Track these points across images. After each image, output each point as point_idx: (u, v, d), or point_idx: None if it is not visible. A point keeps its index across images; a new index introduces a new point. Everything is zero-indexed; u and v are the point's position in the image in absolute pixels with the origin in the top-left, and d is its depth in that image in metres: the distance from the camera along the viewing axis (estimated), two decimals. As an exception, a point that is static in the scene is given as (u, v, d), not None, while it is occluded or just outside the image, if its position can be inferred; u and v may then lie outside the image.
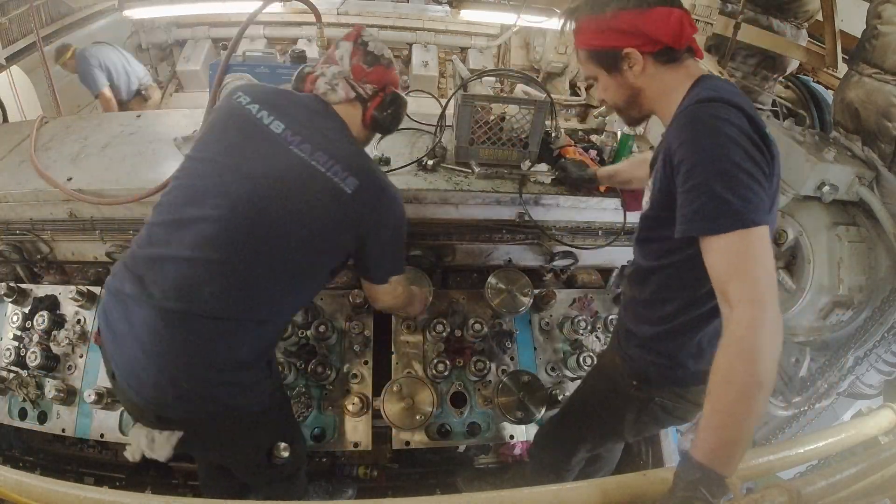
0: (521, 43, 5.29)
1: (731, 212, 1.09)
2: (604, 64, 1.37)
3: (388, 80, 1.59)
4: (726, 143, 1.13)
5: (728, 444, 1.04)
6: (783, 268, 2.32)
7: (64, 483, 1.08)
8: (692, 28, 1.30)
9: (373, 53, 1.55)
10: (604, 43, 1.34)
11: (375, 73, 1.55)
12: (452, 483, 2.86)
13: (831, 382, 2.31)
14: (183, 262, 1.35)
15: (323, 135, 1.44)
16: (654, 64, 1.33)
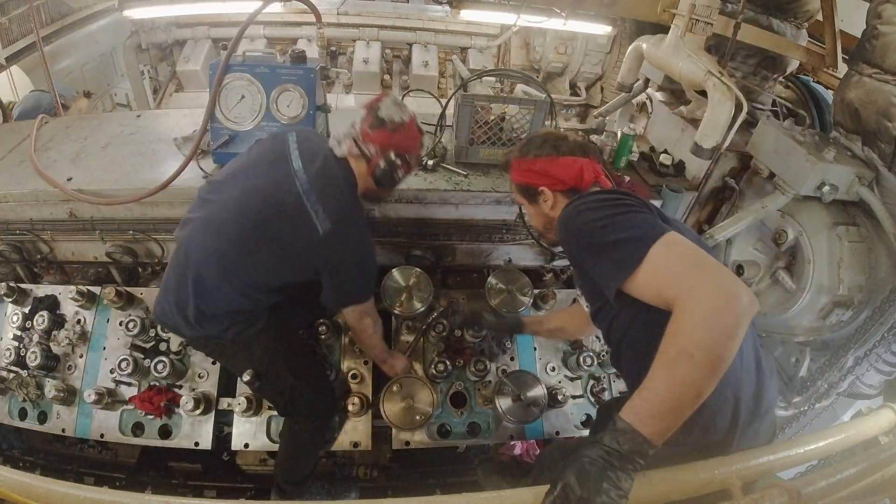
0: (521, 43, 5.29)
1: (631, 248, 1.21)
2: (526, 196, 1.68)
3: (391, 143, 1.81)
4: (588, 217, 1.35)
5: (655, 407, 1.07)
6: (783, 268, 2.32)
7: (64, 483, 1.08)
8: (594, 174, 1.57)
9: (380, 118, 1.80)
10: (525, 180, 1.65)
11: (378, 135, 1.80)
12: (453, 483, 2.86)
13: (831, 382, 2.31)
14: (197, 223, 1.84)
15: (326, 181, 1.76)
16: (563, 197, 1.59)
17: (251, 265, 1.78)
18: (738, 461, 1.23)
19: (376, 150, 1.81)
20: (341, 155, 1.83)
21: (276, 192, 1.74)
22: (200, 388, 2.36)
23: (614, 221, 1.28)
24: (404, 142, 1.83)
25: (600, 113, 3.49)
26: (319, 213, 1.70)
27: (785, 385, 2.53)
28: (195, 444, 2.29)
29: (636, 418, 1.07)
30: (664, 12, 2.63)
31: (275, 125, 2.34)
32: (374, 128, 1.80)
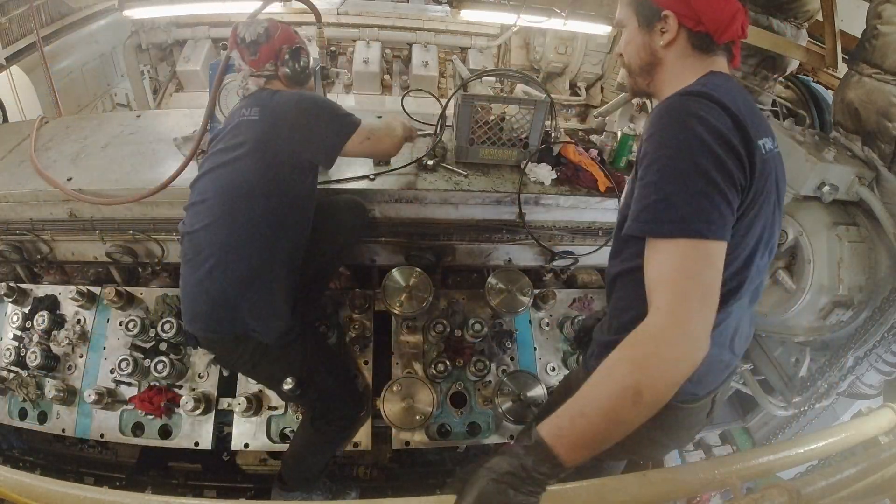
0: (521, 43, 5.28)
1: (677, 217, 1.02)
2: (640, 13, 1.26)
3: (278, 47, 1.89)
4: (692, 142, 1.05)
5: (580, 434, 0.97)
6: (783, 268, 2.32)
7: (64, 483, 1.08)
8: (742, 30, 1.21)
9: (249, 41, 1.86)
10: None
11: (263, 52, 1.87)
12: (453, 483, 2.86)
13: (831, 382, 2.31)
14: None
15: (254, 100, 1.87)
16: (686, 42, 1.22)
17: (263, 217, 1.80)
18: (738, 461, 1.23)
19: (273, 64, 1.89)
20: (257, 88, 1.92)
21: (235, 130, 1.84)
22: (200, 388, 2.36)
23: (693, 176, 1.04)
24: (282, 39, 1.92)
25: (600, 113, 3.49)
26: (251, 112, 1.82)
27: (785, 385, 2.53)
28: (195, 444, 2.29)
29: (558, 441, 0.97)
30: (664, 12, 2.63)
31: (275, 125, 2.34)
32: (253, 52, 1.88)
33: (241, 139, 1.80)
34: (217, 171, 1.83)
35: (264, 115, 1.81)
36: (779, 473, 1.33)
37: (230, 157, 1.81)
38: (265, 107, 1.83)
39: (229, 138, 1.85)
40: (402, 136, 2.18)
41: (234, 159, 1.80)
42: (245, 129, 1.81)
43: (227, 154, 1.82)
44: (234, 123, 1.87)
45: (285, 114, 1.81)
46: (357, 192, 2.42)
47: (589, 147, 2.77)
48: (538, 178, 2.53)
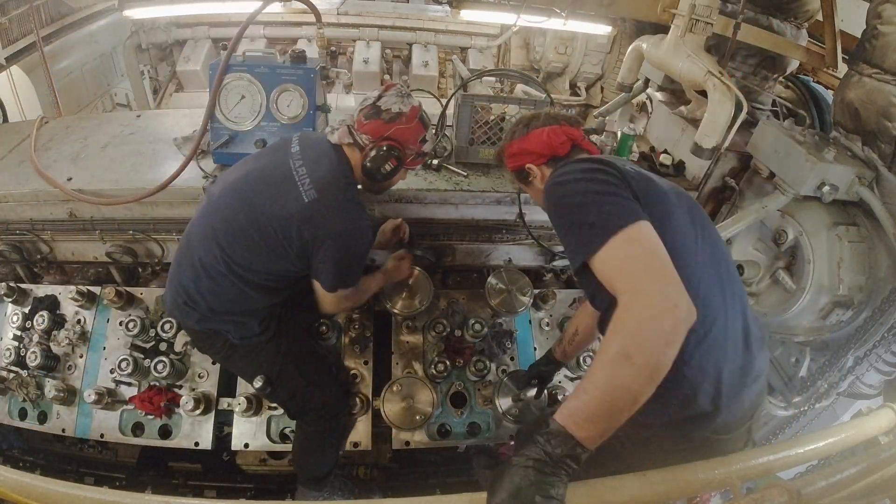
0: (521, 43, 5.29)
1: (594, 231, 1.20)
2: (521, 179, 1.73)
3: (385, 134, 1.77)
4: (564, 190, 1.36)
5: (589, 409, 1.04)
6: (783, 268, 2.32)
7: (64, 483, 1.08)
8: (566, 137, 1.59)
9: (377, 107, 1.76)
10: (512, 165, 1.71)
11: (371, 125, 1.77)
12: (453, 483, 2.86)
13: (831, 382, 2.31)
14: None
15: (318, 158, 1.77)
16: (548, 170, 1.61)
17: (242, 243, 1.76)
18: (738, 461, 1.23)
19: (369, 140, 1.77)
20: (335, 142, 1.83)
21: (271, 170, 1.77)
22: (200, 388, 2.36)
23: (584, 202, 1.28)
24: (400, 134, 1.78)
25: (600, 113, 3.49)
26: (306, 183, 1.70)
27: (785, 385, 2.53)
28: (195, 444, 2.29)
29: (570, 420, 1.04)
30: (664, 12, 2.63)
31: (275, 125, 2.34)
32: (369, 117, 1.77)
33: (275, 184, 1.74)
34: (237, 188, 1.80)
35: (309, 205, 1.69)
36: (779, 473, 1.33)
37: (252, 186, 1.77)
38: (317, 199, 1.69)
39: (270, 169, 1.78)
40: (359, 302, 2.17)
41: (255, 193, 1.75)
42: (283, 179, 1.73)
43: (253, 182, 1.78)
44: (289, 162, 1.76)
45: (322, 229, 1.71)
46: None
47: (589, 147, 2.77)
48: (538, 178, 2.53)
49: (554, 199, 1.38)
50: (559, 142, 1.59)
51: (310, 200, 1.68)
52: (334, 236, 1.72)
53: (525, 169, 1.66)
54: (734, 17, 2.47)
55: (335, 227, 1.71)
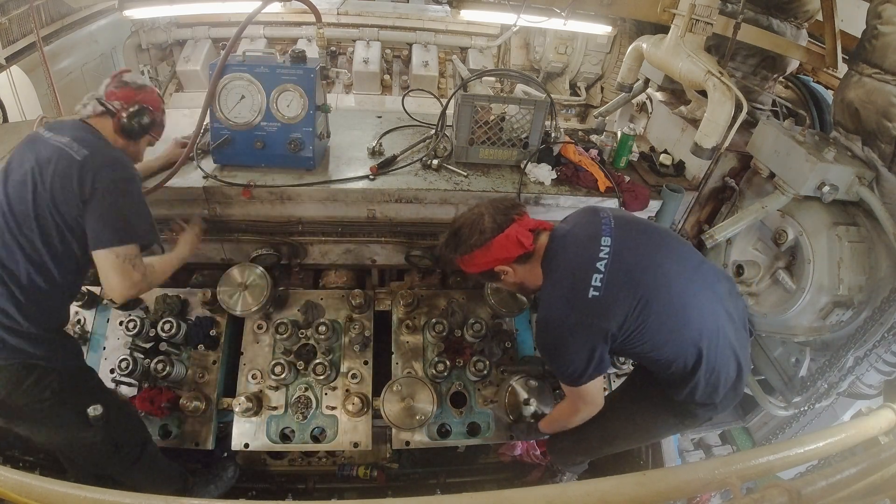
0: (521, 43, 5.28)
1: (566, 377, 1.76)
2: (489, 278, 1.91)
3: (137, 99, 1.94)
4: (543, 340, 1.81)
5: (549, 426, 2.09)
6: (783, 268, 2.32)
7: (64, 483, 1.08)
8: (526, 230, 1.75)
9: (124, 81, 1.95)
10: (477, 269, 1.83)
11: (121, 93, 1.94)
12: (453, 483, 2.86)
13: (831, 382, 2.31)
14: None
15: (75, 130, 1.84)
16: (520, 264, 1.79)
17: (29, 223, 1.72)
18: (738, 461, 1.23)
19: (120, 105, 1.92)
20: (86, 115, 1.92)
21: (35, 155, 1.77)
22: (200, 388, 2.36)
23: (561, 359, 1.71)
24: (148, 98, 1.98)
25: (600, 113, 3.49)
26: (74, 146, 1.77)
27: (785, 385, 2.53)
28: (195, 444, 2.29)
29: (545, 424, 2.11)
30: (664, 12, 2.63)
31: (275, 125, 2.34)
32: (118, 87, 1.94)
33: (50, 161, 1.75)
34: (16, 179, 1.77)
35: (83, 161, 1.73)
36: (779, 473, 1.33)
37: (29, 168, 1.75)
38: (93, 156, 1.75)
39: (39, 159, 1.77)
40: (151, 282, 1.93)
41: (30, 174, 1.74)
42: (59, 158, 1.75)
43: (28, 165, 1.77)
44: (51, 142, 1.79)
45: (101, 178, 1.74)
46: (357, 191, 2.42)
47: (589, 147, 2.77)
48: (538, 178, 2.54)
49: (540, 341, 1.85)
50: (526, 241, 1.74)
51: (82, 158, 1.75)
52: (113, 182, 1.77)
53: (495, 271, 1.81)
54: (734, 17, 2.47)
55: (111, 173, 1.78)
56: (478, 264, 1.79)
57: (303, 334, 2.49)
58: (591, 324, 1.62)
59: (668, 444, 2.65)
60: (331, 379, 2.40)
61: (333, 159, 2.59)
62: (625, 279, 1.63)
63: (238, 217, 2.50)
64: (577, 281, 1.63)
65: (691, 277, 1.72)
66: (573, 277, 1.65)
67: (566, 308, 1.65)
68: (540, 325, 1.75)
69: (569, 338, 1.64)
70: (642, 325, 1.63)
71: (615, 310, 1.61)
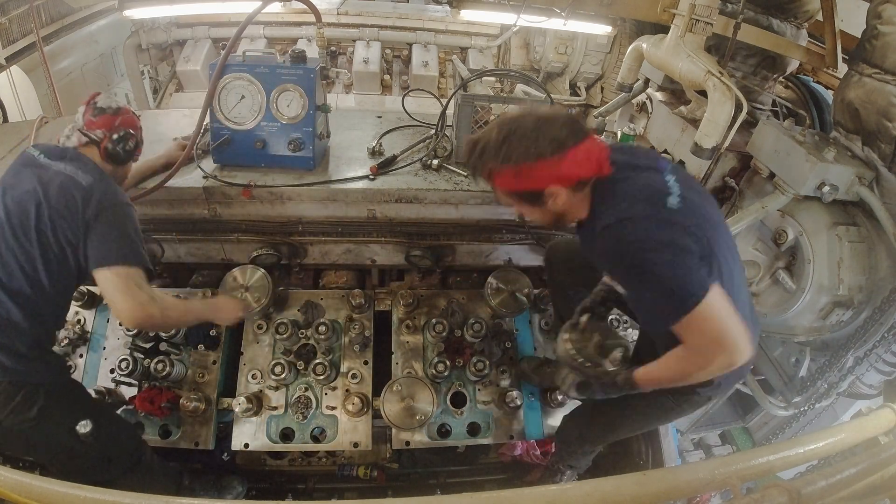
0: (521, 43, 5.28)
1: (675, 304, 1.36)
2: (527, 200, 1.54)
3: (116, 123, 1.95)
4: (645, 259, 1.37)
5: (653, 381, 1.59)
6: (783, 268, 2.32)
7: (64, 483, 1.08)
8: (605, 153, 1.46)
9: (100, 107, 1.94)
10: (527, 186, 1.47)
11: (101, 120, 1.93)
12: (453, 483, 2.86)
13: (831, 382, 2.31)
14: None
15: (75, 158, 1.87)
16: (572, 192, 1.48)
17: (29, 235, 1.73)
18: (738, 461, 1.23)
19: (103, 133, 1.93)
20: (72, 146, 1.93)
21: (37, 176, 1.80)
22: (200, 388, 2.36)
23: (673, 266, 1.36)
24: (127, 122, 1.99)
25: (600, 113, 3.49)
26: (79, 173, 1.82)
27: (785, 385, 2.53)
28: (195, 444, 2.29)
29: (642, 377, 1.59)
30: (664, 12, 2.63)
31: (275, 125, 2.34)
32: (96, 115, 1.94)
33: (49, 183, 1.77)
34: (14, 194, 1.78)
35: (89, 186, 1.78)
36: (779, 473, 1.33)
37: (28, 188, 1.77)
38: (97, 182, 1.81)
39: (34, 170, 1.81)
40: (166, 318, 1.90)
41: (29, 193, 1.75)
42: (64, 180, 1.78)
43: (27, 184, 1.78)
44: (52, 167, 1.82)
45: (103, 202, 1.79)
46: (357, 191, 2.43)
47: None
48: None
49: (635, 254, 1.39)
50: (605, 160, 1.45)
51: (87, 183, 1.81)
52: (116, 206, 1.85)
53: (544, 191, 1.46)
54: (734, 17, 2.47)
55: (114, 198, 1.85)
56: (534, 178, 1.44)
57: (303, 334, 2.49)
58: (681, 224, 1.38)
59: (669, 444, 2.65)
60: (331, 379, 2.40)
61: (333, 159, 2.59)
62: (701, 216, 1.45)
63: (238, 217, 2.50)
64: (652, 201, 1.41)
65: (732, 247, 1.59)
66: (647, 201, 1.42)
67: (646, 212, 1.40)
68: (616, 252, 1.43)
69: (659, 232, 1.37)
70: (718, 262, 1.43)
71: (698, 229, 1.40)
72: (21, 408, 1.73)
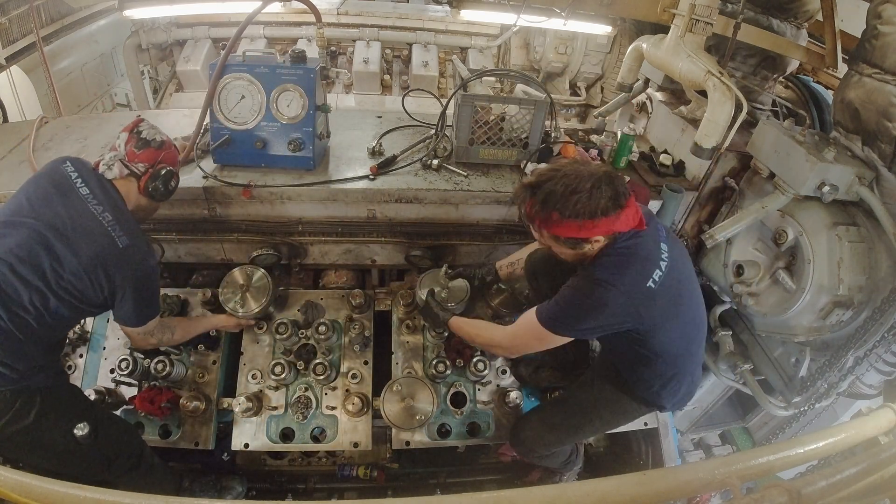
0: (521, 43, 5.28)
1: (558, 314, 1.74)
2: (570, 246, 1.69)
3: (160, 159, 1.95)
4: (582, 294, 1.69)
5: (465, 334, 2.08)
6: (783, 268, 2.32)
7: (64, 483, 1.08)
8: (637, 211, 1.67)
9: (144, 139, 1.91)
10: (579, 235, 1.64)
11: (145, 154, 1.92)
12: (453, 483, 2.86)
13: (831, 382, 2.31)
14: None
15: (115, 206, 1.85)
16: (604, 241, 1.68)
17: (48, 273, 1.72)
18: (738, 461, 1.23)
19: (145, 168, 1.92)
20: (111, 178, 1.91)
21: (74, 216, 1.77)
22: (200, 388, 2.36)
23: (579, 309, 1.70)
24: (169, 157, 1.99)
25: (600, 113, 3.49)
26: (116, 229, 1.80)
27: (785, 385, 2.53)
28: (195, 444, 2.29)
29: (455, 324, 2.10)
30: (664, 12, 2.63)
31: (275, 125, 2.34)
32: (140, 148, 1.91)
33: (72, 218, 1.76)
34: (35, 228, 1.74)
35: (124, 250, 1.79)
36: (779, 473, 1.33)
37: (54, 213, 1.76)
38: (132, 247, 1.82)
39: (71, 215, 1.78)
40: (171, 342, 2.18)
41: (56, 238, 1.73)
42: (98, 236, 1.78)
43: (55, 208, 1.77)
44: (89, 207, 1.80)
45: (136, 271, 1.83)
46: (357, 191, 2.43)
47: (589, 147, 2.77)
48: (538, 178, 2.53)
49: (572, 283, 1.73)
50: (639, 217, 1.67)
51: (125, 246, 1.81)
52: (147, 274, 1.89)
53: (589, 240, 1.65)
54: (734, 17, 2.46)
55: (146, 265, 1.88)
56: (586, 229, 1.61)
57: (303, 334, 2.49)
58: (630, 311, 1.64)
59: (669, 444, 2.65)
60: (331, 379, 2.40)
61: (333, 159, 2.59)
62: (675, 285, 1.71)
63: (238, 217, 2.50)
64: (642, 273, 1.65)
65: (698, 298, 1.91)
66: (641, 272, 1.65)
67: (624, 291, 1.62)
68: (582, 276, 1.71)
69: (603, 304, 1.62)
70: (669, 330, 1.75)
71: (658, 308, 1.67)
72: (20, 414, 1.74)
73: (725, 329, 2.87)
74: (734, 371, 2.79)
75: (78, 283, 1.76)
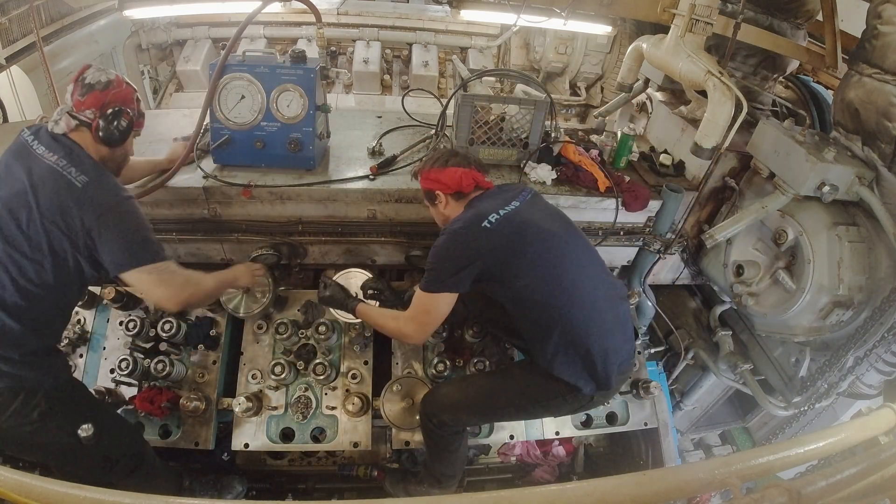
0: (521, 43, 5.28)
1: (429, 281, 1.90)
2: (429, 200, 2.13)
3: (107, 101, 1.81)
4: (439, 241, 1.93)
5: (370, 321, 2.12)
6: (783, 268, 2.32)
7: (64, 483, 1.08)
8: (472, 180, 2.04)
9: (88, 84, 1.79)
10: (426, 186, 2.10)
11: (90, 99, 1.79)
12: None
13: (831, 382, 2.31)
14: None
15: (71, 151, 1.77)
16: (453, 200, 2.06)
17: (19, 244, 1.68)
18: (738, 461, 1.23)
19: (93, 113, 1.80)
20: (63, 131, 1.80)
21: (32, 175, 1.71)
22: (200, 388, 2.36)
23: (437, 260, 1.91)
24: (118, 97, 1.84)
25: (600, 113, 3.49)
26: (72, 172, 1.72)
27: (785, 385, 2.53)
28: (195, 444, 2.29)
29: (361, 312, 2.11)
30: (664, 12, 2.63)
31: (275, 125, 2.34)
32: (84, 94, 1.79)
33: (39, 179, 1.70)
34: None
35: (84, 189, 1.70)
36: (779, 473, 1.33)
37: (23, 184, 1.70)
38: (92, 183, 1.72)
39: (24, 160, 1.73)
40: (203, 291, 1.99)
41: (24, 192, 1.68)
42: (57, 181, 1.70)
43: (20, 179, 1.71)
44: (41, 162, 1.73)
45: (103, 206, 1.72)
46: (357, 191, 2.42)
47: (589, 147, 2.77)
48: (538, 178, 2.54)
49: (432, 250, 1.94)
50: (466, 183, 2.03)
51: (82, 185, 1.71)
52: (116, 206, 1.75)
53: (434, 193, 2.07)
54: (734, 17, 2.46)
55: (112, 198, 1.76)
56: (428, 180, 2.07)
57: (303, 334, 2.49)
58: (473, 245, 1.87)
59: (669, 444, 2.65)
60: (331, 379, 2.40)
61: (333, 159, 2.59)
62: (517, 226, 1.90)
63: (238, 217, 2.50)
64: (479, 216, 1.90)
65: (580, 256, 1.98)
66: (478, 215, 1.91)
67: (462, 228, 1.91)
68: (437, 239, 1.95)
69: (451, 246, 1.90)
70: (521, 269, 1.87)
71: (497, 243, 1.87)
72: (21, 412, 1.71)
73: (725, 329, 2.87)
74: (734, 371, 2.79)
75: (45, 238, 1.67)
